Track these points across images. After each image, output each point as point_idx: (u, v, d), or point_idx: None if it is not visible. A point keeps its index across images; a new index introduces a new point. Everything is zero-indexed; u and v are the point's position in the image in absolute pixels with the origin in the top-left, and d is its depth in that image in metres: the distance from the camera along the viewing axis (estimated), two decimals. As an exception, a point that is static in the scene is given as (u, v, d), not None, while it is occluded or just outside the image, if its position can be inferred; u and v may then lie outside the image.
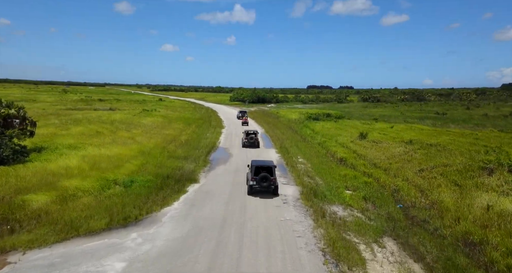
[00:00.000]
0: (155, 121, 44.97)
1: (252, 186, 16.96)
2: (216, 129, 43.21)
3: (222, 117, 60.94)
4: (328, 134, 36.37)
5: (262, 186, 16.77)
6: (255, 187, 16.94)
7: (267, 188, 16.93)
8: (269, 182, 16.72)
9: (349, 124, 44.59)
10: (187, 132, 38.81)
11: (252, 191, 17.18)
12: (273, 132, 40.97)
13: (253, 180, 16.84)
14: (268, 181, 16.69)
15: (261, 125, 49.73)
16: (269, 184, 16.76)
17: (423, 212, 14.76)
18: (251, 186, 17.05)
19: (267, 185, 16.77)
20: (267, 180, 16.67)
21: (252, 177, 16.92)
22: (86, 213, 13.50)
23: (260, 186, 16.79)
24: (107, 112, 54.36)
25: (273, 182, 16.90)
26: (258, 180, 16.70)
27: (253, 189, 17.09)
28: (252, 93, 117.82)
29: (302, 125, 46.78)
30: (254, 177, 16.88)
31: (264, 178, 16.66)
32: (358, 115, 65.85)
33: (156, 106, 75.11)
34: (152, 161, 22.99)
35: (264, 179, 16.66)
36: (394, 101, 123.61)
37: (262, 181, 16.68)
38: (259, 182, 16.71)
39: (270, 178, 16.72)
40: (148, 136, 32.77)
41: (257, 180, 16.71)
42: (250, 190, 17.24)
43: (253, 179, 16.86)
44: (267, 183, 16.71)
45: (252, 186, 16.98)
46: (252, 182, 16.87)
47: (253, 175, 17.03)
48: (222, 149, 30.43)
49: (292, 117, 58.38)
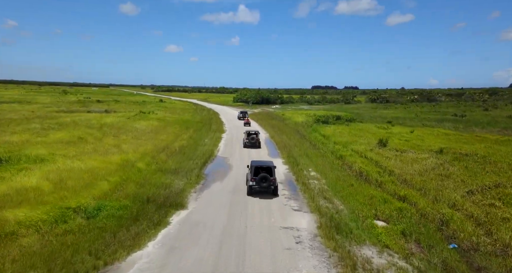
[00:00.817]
0: (150, 125, 41.04)
1: (252, 186, 16.94)
2: (216, 134, 39.12)
3: (223, 120, 56.91)
4: (342, 140, 32.13)
5: (261, 186, 16.78)
6: (255, 187, 16.92)
7: (266, 188, 16.92)
8: (268, 182, 16.73)
9: (363, 128, 40.28)
10: (183, 137, 34.79)
11: (251, 191, 17.17)
12: (279, 138, 36.82)
13: (253, 181, 16.81)
14: (267, 181, 16.71)
15: (265, 129, 45.58)
16: (268, 184, 16.76)
17: (494, 261, 10.53)
18: (250, 187, 17.04)
19: (267, 185, 16.78)
20: (266, 180, 16.69)
21: (252, 178, 16.89)
22: (15, 267, 9.45)
23: (259, 186, 16.79)
24: (100, 114, 50.57)
25: (272, 182, 16.90)
26: (257, 180, 16.68)
27: (252, 189, 17.08)
28: (256, 94, 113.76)
29: (310, 130, 42.56)
30: (254, 177, 16.84)
31: (263, 178, 16.67)
32: (370, 117, 61.47)
33: (155, 108, 71.37)
34: (134, 177, 18.96)
35: (264, 179, 16.67)
36: (404, 102, 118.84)
37: (261, 181, 16.68)
38: (259, 182, 16.71)
39: (269, 178, 16.73)
40: (138, 143, 28.79)
41: (257, 180, 16.70)
42: (249, 191, 17.21)
43: (252, 180, 16.83)
44: (267, 183, 16.73)
45: (252, 187, 16.97)
46: (252, 183, 16.85)
47: (253, 175, 16.99)
48: (221, 159, 26.35)
49: (299, 120, 54.17)
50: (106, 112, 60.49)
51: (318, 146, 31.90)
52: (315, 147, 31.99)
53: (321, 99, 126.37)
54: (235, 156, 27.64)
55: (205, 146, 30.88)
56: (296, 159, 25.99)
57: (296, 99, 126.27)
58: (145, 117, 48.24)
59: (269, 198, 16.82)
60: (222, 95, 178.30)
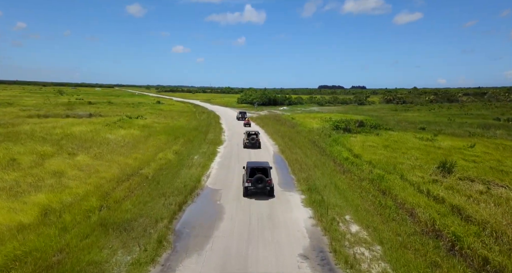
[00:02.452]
0: (128, 135, 32.71)
1: (248, 187, 16.70)
2: (211, 148, 30.58)
3: (224, 126, 48.40)
4: (378, 159, 23.42)
5: (257, 187, 16.58)
6: (251, 188, 16.69)
7: (262, 189, 16.74)
8: (264, 183, 16.61)
9: (400, 140, 31.39)
10: (166, 154, 26.39)
11: (247, 192, 16.88)
12: (292, 153, 28.19)
13: (249, 182, 16.62)
14: (263, 182, 16.58)
15: (273, 138, 36.95)
16: (264, 185, 16.63)
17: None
18: (246, 188, 16.77)
19: (262, 187, 16.62)
20: (262, 181, 16.56)
21: (248, 179, 16.72)
22: None
23: (255, 187, 16.58)
24: (77, 120, 42.44)
25: (268, 184, 16.75)
26: (253, 181, 16.51)
27: (248, 190, 16.80)
28: (262, 95, 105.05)
29: (330, 140, 33.84)
30: (250, 179, 16.68)
31: (259, 180, 16.53)
32: (395, 122, 52.52)
33: (147, 111, 63.28)
34: (35, 253, 10.53)
35: (260, 181, 16.54)
36: (423, 103, 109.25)
37: (257, 182, 16.53)
38: (254, 184, 16.54)
39: (265, 180, 16.61)
40: (95, 167, 20.45)
41: (252, 182, 16.52)
42: (245, 192, 16.91)
43: (248, 181, 16.65)
44: (262, 184, 16.60)
45: (248, 188, 16.71)
46: (248, 184, 16.64)
47: (249, 176, 16.87)
48: (210, 194, 17.77)
49: (313, 126, 45.45)
50: (89, 116, 52.82)
51: (346, 167, 23.22)
52: (342, 168, 23.32)
53: (332, 100, 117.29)
54: (233, 185, 19.09)
55: (192, 168, 22.38)
56: (321, 193, 17.35)
57: (306, 100, 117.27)
58: (127, 124, 39.97)
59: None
60: (227, 96, 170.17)
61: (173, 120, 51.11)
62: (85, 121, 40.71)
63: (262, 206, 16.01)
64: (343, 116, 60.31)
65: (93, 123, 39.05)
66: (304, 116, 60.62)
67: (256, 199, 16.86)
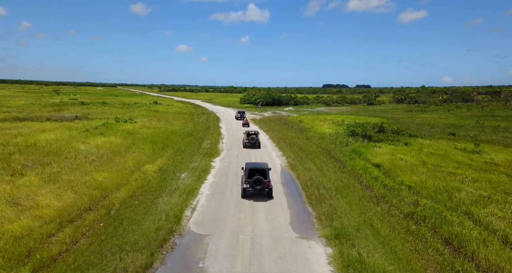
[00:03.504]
0: (107, 144, 27.19)
1: (246, 189, 16.44)
2: (204, 161, 24.93)
3: (223, 130, 42.77)
4: (424, 183, 17.64)
5: (255, 189, 16.30)
6: (249, 190, 16.40)
7: (261, 191, 16.42)
8: (263, 185, 16.28)
9: (437, 151, 25.51)
10: (146, 171, 20.83)
11: (246, 194, 16.61)
12: (304, 169, 22.48)
13: (247, 183, 16.34)
14: (262, 184, 16.26)
15: (280, 147, 31.23)
16: (263, 187, 16.30)
17: None
18: (244, 189, 16.52)
19: (261, 188, 16.30)
20: (261, 182, 16.24)
21: (246, 180, 16.45)
22: None
23: (253, 189, 16.30)
24: (55, 125, 37.01)
25: (267, 185, 16.43)
26: (251, 182, 16.20)
27: (246, 192, 16.51)
28: (266, 94, 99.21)
29: (348, 150, 28.12)
30: (248, 180, 16.40)
31: (257, 181, 16.21)
32: (416, 125, 46.63)
33: (141, 113, 57.86)
34: None
35: (258, 182, 16.22)
36: (438, 103, 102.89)
37: (255, 183, 16.22)
38: (253, 185, 16.22)
39: (264, 181, 16.27)
40: (41, 194, 14.92)
41: (251, 183, 16.21)
42: (244, 193, 16.66)
43: (246, 182, 16.37)
44: (261, 186, 16.27)
45: (246, 189, 16.45)
46: (246, 185, 16.38)
47: (247, 177, 16.58)
48: (189, 247, 12.01)
49: (324, 131, 39.69)
50: (75, 119, 47.64)
51: (378, 193, 17.51)
52: (372, 193, 17.61)
53: (340, 100, 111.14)
54: (227, 226, 13.43)
55: (174, 195, 16.76)
56: (354, 244, 11.67)
57: (311, 100, 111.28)
58: (111, 130, 34.45)
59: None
60: (230, 95, 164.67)
61: (166, 123, 45.59)
62: (63, 127, 35.23)
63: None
64: (355, 118, 54.47)
65: (70, 129, 33.59)
66: (312, 119, 54.84)
67: (260, 258, 11.18)
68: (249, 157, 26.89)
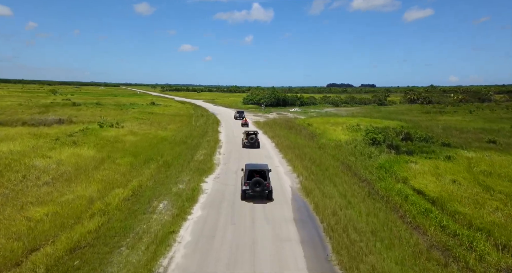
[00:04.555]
0: (73, 158, 21.88)
1: (245, 191, 16.14)
2: (192, 181, 19.44)
3: (222, 136, 37.28)
4: (508, 227, 12.06)
5: (255, 191, 15.93)
6: (248, 191, 16.06)
7: (260, 193, 16.05)
8: (262, 186, 15.92)
9: (499, 170, 19.77)
10: (112, 199, 15.45)
11: (245, 196, 16.30)
12: (322, 195, 16.96)
13: (246, 185, 16.07)
14: (261, 186, 15.90)
15: (288, 159, 25.70)
16: (262, 188, 15.94)
17: None
18: (244, 191, 16.23)
19: (261, 190, 15.94)
20: (260, 184, 15.89)
21: (245, 182, 16.17)
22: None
23: (253, 190, 15.94)
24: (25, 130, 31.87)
25: (267, 187, 16.06)
26: (251, 184, 15.87)
27: (246, 194, 16.21)
28: (271, 94, 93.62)
29: (374, 165, 22.58)
30: (247, 182, 16.11)
31: (257, 183, 15.87)
32: (440, 130, 40.89)
33: (134, 115, 52.72)
34: None
35: (257, 184, 15.88)
36: (453, 103, 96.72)
37: (255, 185, 15.87)
38: (252, 187, 15.88)
39: (263, 183, 15.92)
40: None
41: (250, 185, 15.89)
42: (243, 195, 16.36)
43: (246, 184, 16.10)
44: (261, 187, 15.91)
45: (245, 191, 16.15)
46: (245, 187, 16.10)
47: (247, 179, 16.30)
48: None
49: (339, 138, 34.12)
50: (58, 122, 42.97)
51: (435, 240, 12.02)
52: (424, 236, 12.13)
53: (348, 100, 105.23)
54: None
55: (136, 249, 11.36)
56: None
57: (318, 100, 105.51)
58: (88, 137, 29.17)
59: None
60: (233, 95, 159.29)
61: (158, 128, 40.31)
62: (32, 133, 29.99)
63: None
64: (370, 121, 48.85)
65: (39, 137, 28.38)
66: (322, 122, 49.25)
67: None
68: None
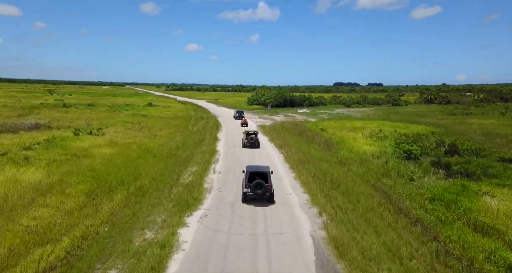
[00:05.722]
0: (7, 185, 15.94)
1: (246, 193, 15.76)
2: (171, 221, 13.31)
3: (221, 145, 31.07)
4: None
5: (256, 193, 15.55)
6: (249, 194, 15.72)
7: (261, 195, 15.69)
8: (264, 189, 15.54)
9: None
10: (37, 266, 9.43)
11: (246, 198, 15.90)
12: (363, 254, 10.84)
13: (247, 187, 15.68)
14: (262, 188, 15.51)
15: (302, 180, 19.44)
16: (264, 191, 15.56)
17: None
18: (245, 194, 15.85)
19: (262, 192, 15.55)
20: (261, 187, 15.49)
21: (246, 184, 15.77)
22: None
23: (254, 193, 15.57)
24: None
25: (268, 189, 15.70)
26: (252, 187, 15.50)
27: (247, 196, 15.85)
28: (277, 94, 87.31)
29: (424, 197, 16.28)
30: (248, 184, 15.72)
31: (258, 185, 15.48)
32: (480, 137, 34.33)
33: (123, 119, 46.96)
34: None
35: (259, 186, 15.48)
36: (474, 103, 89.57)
37: (256, 188, 15.48)
38: (253, 189, 15.51)
39: (265, 185, 15.55)
40: None
41: (251, 187, 15.52)
42: (244, 198, 15.97)
43: (247, 186, 15.71)
44: (262, 190, 15.52)
45: (246, 194, 15.78)
46: (246, 189, 15.71)
47: (248, 181, 15.87)
48: None
49: (363, 149, 27.81)
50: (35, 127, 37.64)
51: None
52: None
53: (361, 100, 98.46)
54: None
55: None
56: None
57: (328, 100, 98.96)
58: (49, 150, 23.26)
59: None
60: (237, 95, 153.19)
61: (147, 135, 34.38)
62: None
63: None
64: (393, 126, 42.44)
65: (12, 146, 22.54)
66: (337, 126, 42.89)
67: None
68: (255, 210, 15.25)
